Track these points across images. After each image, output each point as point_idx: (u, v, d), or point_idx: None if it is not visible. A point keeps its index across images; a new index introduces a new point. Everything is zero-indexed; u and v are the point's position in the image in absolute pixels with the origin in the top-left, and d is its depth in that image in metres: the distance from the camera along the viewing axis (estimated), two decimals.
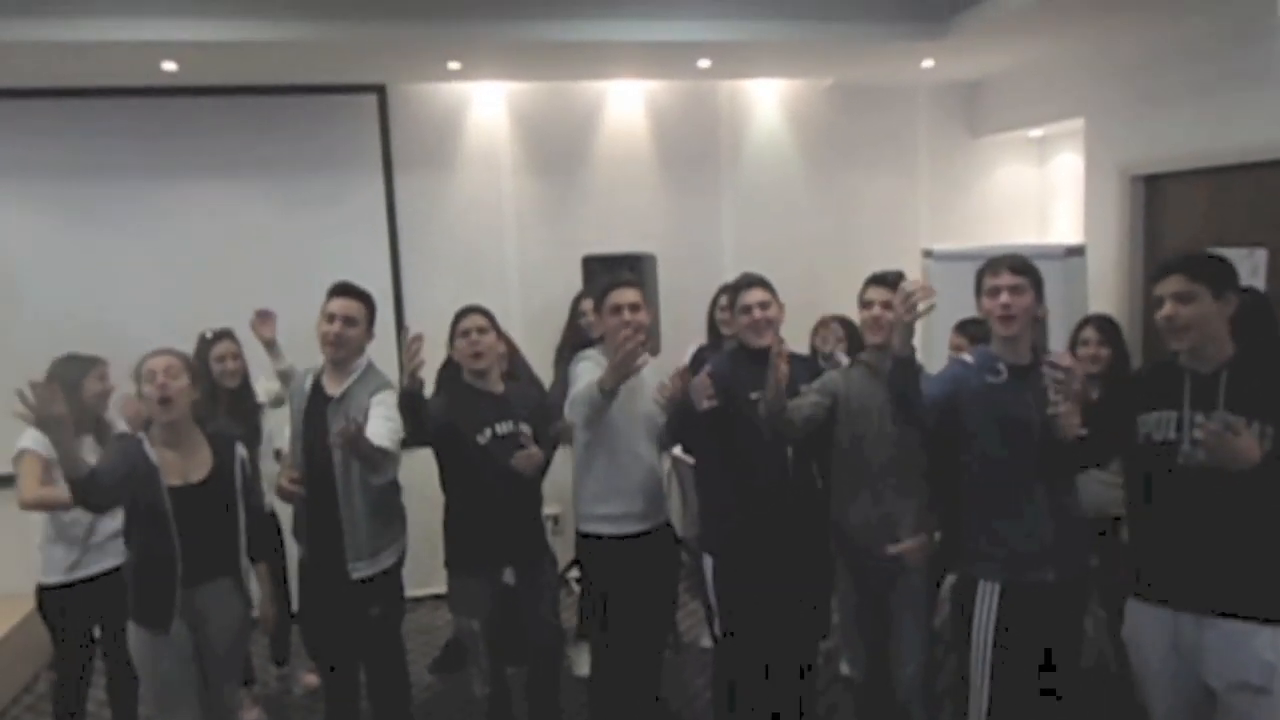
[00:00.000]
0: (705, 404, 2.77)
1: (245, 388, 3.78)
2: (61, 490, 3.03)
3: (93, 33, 3.68)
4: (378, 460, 2.90)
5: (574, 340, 4.04)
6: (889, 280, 2.95)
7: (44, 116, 4.57)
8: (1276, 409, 2.21)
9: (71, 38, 3.68)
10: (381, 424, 2.96)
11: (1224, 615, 2.25)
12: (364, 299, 3.13)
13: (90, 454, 3.01)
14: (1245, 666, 2.21)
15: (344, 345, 3.06)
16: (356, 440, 2.74)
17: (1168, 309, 2.28)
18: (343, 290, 3.11)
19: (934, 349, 3.95)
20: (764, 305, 2.95)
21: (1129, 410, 2.41)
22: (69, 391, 3.06)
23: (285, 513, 3.37)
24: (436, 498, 3.25)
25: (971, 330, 3.43)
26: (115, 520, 3.19)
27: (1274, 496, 2.21)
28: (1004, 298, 2.57)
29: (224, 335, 3.76)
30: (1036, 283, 2.61)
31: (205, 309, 4.09)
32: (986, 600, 2.64)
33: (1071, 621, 2.70)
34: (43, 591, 3.29)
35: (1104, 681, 3.30)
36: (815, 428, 2.90)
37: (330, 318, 3.06)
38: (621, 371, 2.86)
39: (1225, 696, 2.26)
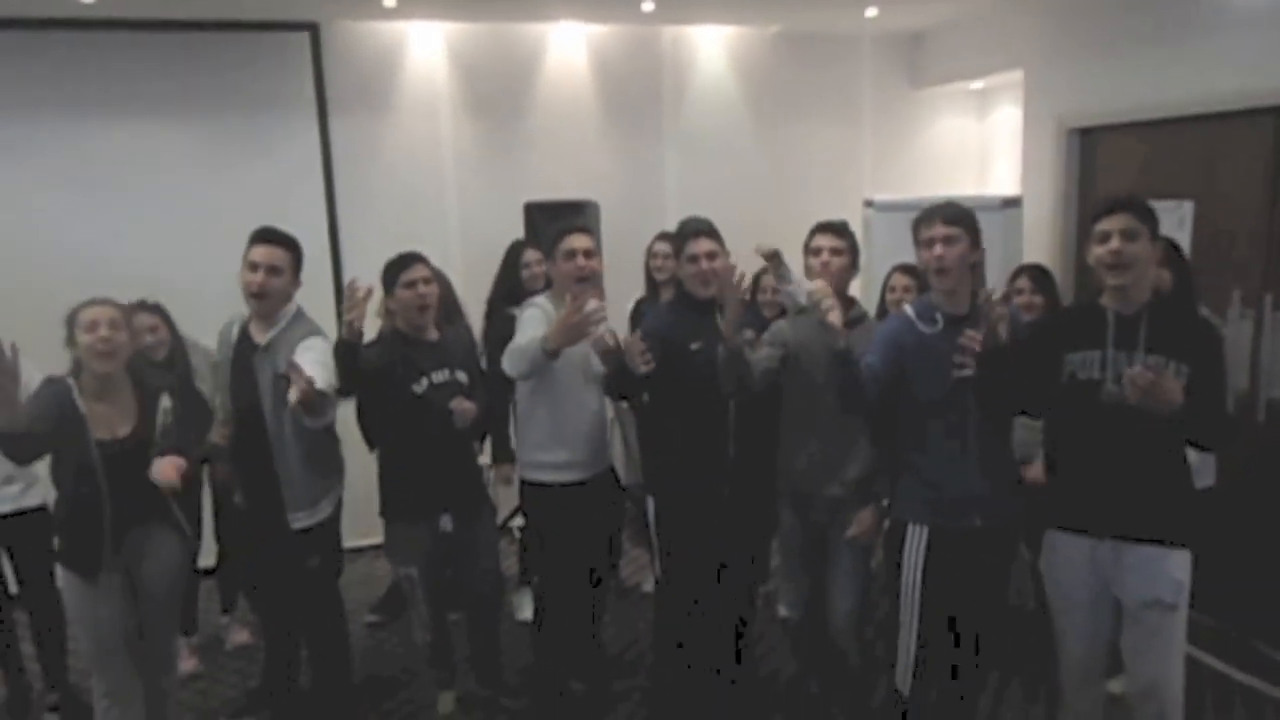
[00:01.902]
0: (643, 369, 2.74)
1: (176, 357, 3.52)
2: None
3: None
4: (317, 404, 2.83)
5: (507, 291, 3.96)
6: (835, 228, 2.96)
7: None
8: (1190, 349, 2.33)
9: None
10: (316, 369, 2.89)
11: (1140, 541, 2.39)
12: (289, 245, 3.02)
13: None
14: (1159, 585, 2.37)
15: (269, 295, 2.96)
16: (310, 396, 2.65)
17: (1115, 243, 2.33)
18: (266, 237, 2.99)
19: (873, 296, 3.99)
20: (710, 255, 2.93)
21: (1054, 349, 2.47)
22: None
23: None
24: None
25: (919, 273, 3.45)
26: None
27: (1184, 434, 2.35)
28: (938, 249, 2.59)
29: (146, 306, 3.49)
30: (972, 230, 2.63)
31: (130, 255, 3.96)
32: (915, 543, 2.70)
33: (998, 566, 2.78)
34: None
35: (1023, 618, 3.43)
36: (771, 378, 2.92)
37: (254, 266, 2.95)
38: (569, 336, 2.81)
39: (1138, 613, 2.41)
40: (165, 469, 2.66)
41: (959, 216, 2.62)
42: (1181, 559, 2.38)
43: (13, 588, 3.41)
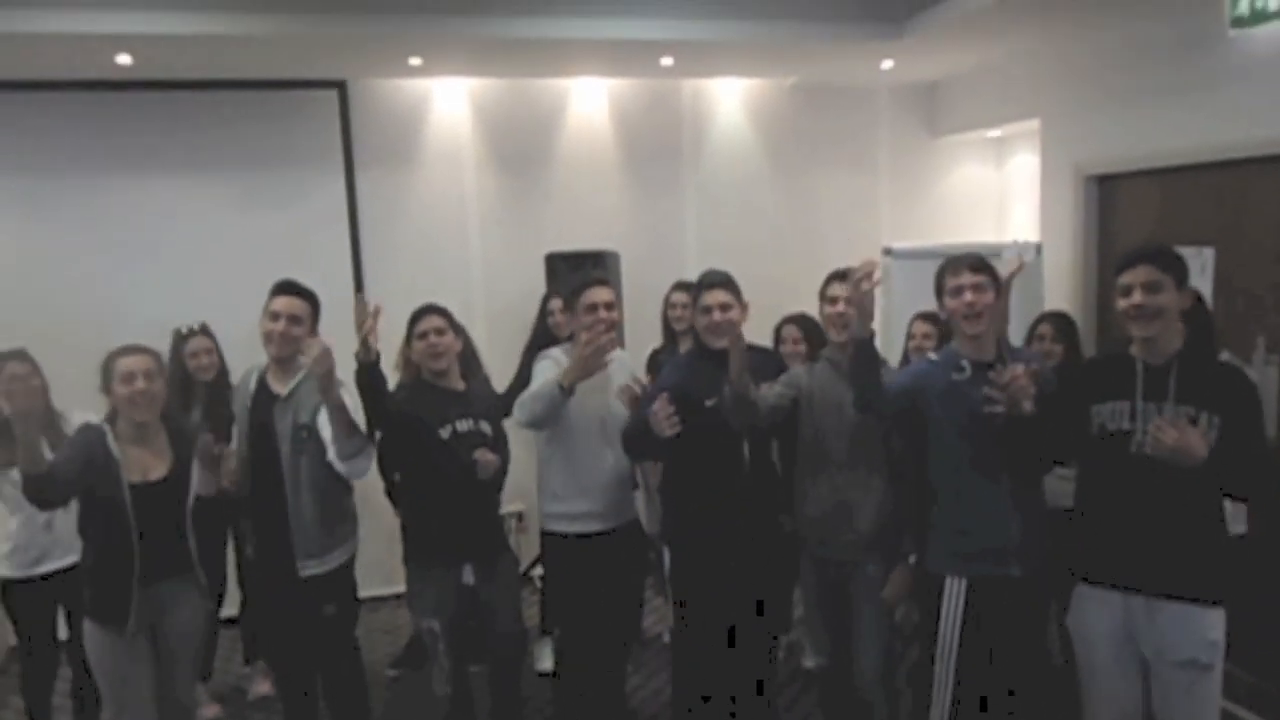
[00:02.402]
0: (668, 432, 2.75)
1: (221, 382, 3.73)
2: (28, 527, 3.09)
3: (45, 24, 3.62)
4: (352, 433, 2.90)
5: (541, 340, 4.03)
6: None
7: None
8: (1221, 399, 2.29)
9: (23, 29, 3.61)
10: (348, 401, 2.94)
11: (1173, 598, 2.33)
12: (309, 298, 3.10)
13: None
14: (1194, 645, 2.31)
15: (288, 344, 3.03)
16: (328, 383, 2.76)
17: (1137, 297, 2.32)
18: (286, 289, 3.08)
19: (893, 344, 4.00)
20: (724, 307, 2.94)
21: (1082, 400, 2.45)
22: None
23: None
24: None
25: (939, 321, 3.45)
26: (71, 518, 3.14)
27: (1218, 484, 2.30)
28: (968, 296, 2.61)
29: (198, 331, 3.78)
30: (996, 279, 2.67)
31: (164, 307, 4.03)
32: (954, 596, 2.66)
33: (1036, 616, 2.74)
34: (6, 585, 3.24)
35: (1051, 673, 3.36)
36: (780, 418, 2.92)
37: (274, 316, 3.03)
38: (586, 369, 2.87)
39: (1170, 673, 2.35)
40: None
41: (983, 265, 2.65)
42: (1217, 618, 2.33)
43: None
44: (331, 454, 2.99)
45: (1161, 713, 2.40)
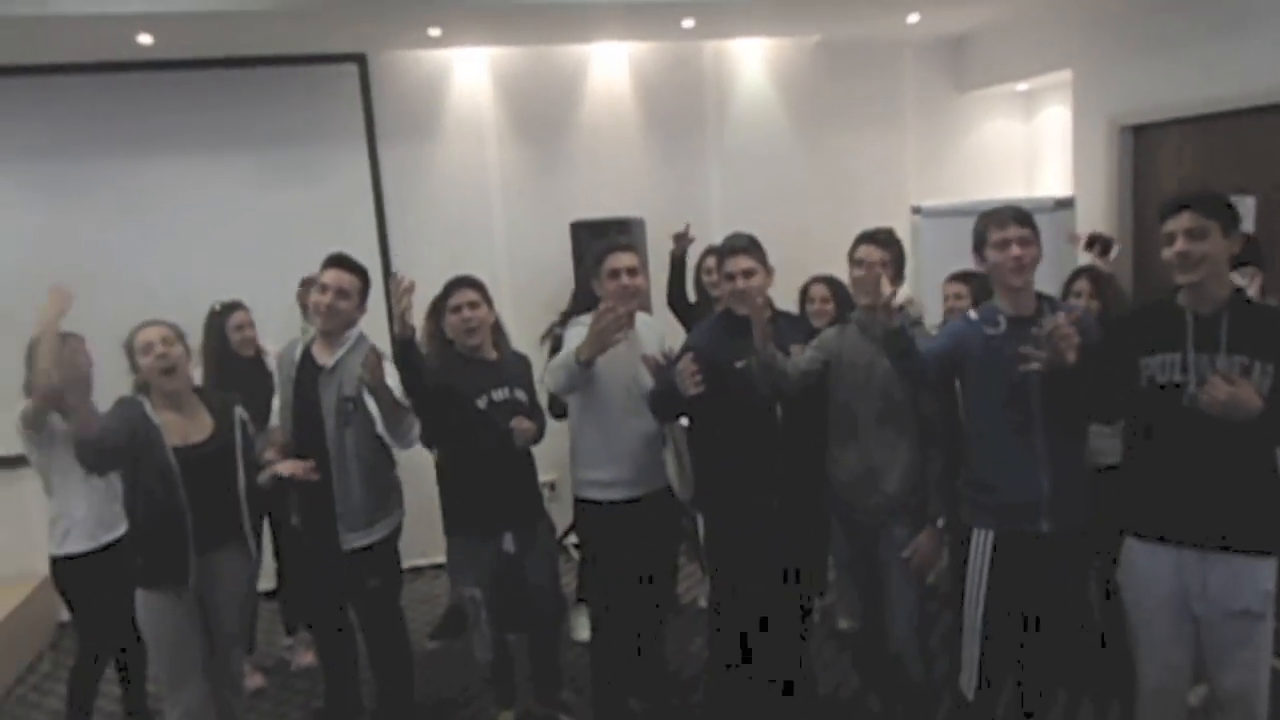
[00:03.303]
0: (692, 390, 2.76)
1: (260, 357, 3.80)
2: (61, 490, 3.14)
3: (65, 6, 3.62)
4: (399, 411, 2.94)
5: (582, 309, 4.00)
6: (879, 238, 2.94)
7: (18, 94, 4.50)
8: (1275, 348, 2.24)
9: (43, 11, 3.61)
10: (391, 380, 2.98)
11: (1226, 550, 2.31)
12: (359, 272, 3.12)
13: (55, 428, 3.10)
14: (1247, 595, 2.30)
15: (335, 316, 3.06)
16: (377, 372, 2.80)
17: (1180, 244, 2.28)
18: (337, 262, 3.10)
19: (924, 303, 3.95)
20: (747, 273, 2.91)
21: (1130, 353, 2.41)
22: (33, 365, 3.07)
23: None
24: (431, 469, 3.25)
25: (973, 282, 3.41)
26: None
27: (1273, 434, 2.26)
28: (1015, 250, 2.56)
29: (235, 306, 3.82)
30: (1037, 233, 2.62)
31: (191, 287, 4.07)
32: (980, 549, 2.67)
33: (1071, 574, 2.71)
34: (61, 563, 3.21)
35: (1091, 633, 3.34)
36: (812, 381, 2.90)
37: (323, 289, 3.06)
38: (600, 343, 2.86)
39: (1224, 624, 2.33)
40: (292, 468, 2.88)
41: (1028, 217, 2.61)
42: (1270, 568, 2.31)
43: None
44: (380, 428, 3.04)
45: (1216, 665, 2.38)
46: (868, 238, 2.94)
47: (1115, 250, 3.15)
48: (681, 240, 4.42)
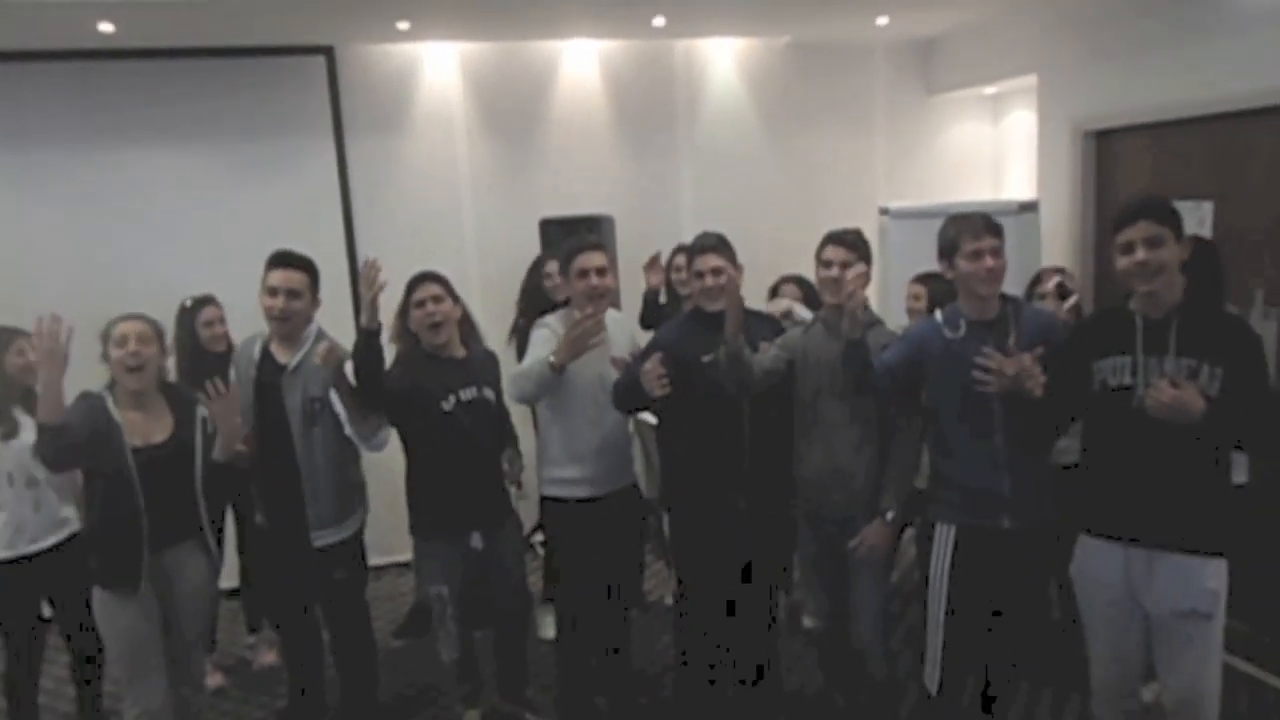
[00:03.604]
0: (658, 392, 2.78)
1: (230, 353, 3.68)
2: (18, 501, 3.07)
3: None
4: (369, 423, 2.95)
5: (533, 307, 3.99)
6: (847, 239, 2.95)
7: None
8: (1223, 352, 2.28)
9: None
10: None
11: (1172, 549, 2.35)
12: (306, 268, 3.05)
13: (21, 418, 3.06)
14: (1194, 595, 2.33)
15: (290, 318, 3.00)
16: (330, 360, 2.81)
17: (1141, 254, 2.30)
18: (283, 260, 3.02)
19: (890, 304, 3.98)
20: (716, 272, 2.93)
21: (1083, 357, 2.45)
22: None
23: None
24: (398, 466, 3.22)
25: (931, 284, 3.46)
26: (57, 497, 3.14)
27: (1220, 437, 2.30)
28: (989, 261, 2.59)
29: (206, 301, 3.78)
30: (1003, 240, 2.65)
31: (153, 275, 4.01)
32: (942, 543, 2.72)
33: (1032, 570, 2.75)
34: None
35: (1051, 627, 3.40)
36: (775, 380, 2.92)
37: (273, 291, 2.99)
38: (575, 350, 2.86)
39: (1171, 622, 2.37)
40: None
41: (999, 228, 2.63)
42: (1218, 568, 2.34)
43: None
44: (349, 431, 3.02)
45: (1163, 663, 2.42)
46: (835, 238, 2.96)
47: (1072, 300, 3.23)
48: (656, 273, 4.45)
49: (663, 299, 4.42)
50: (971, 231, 2.62)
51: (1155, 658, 2.44)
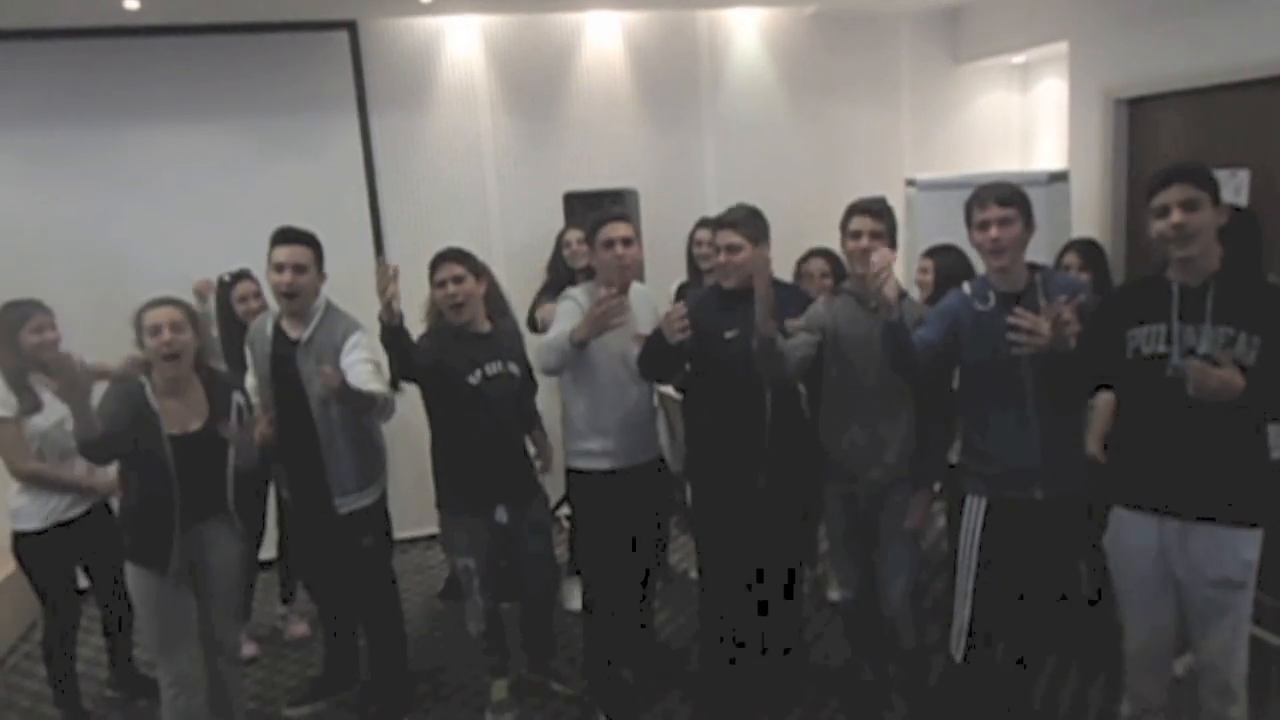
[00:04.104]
0: (677, 337, 2.77)
1: None
2: (57, 469, 3.17)
3: None
4: (366, 405, 2.91)
5: (557, 280, 4.02)
6: (873, 209, 2.92)
7: (1, 59, 4.42)
8: (1261, 320, 2.24)
9: None
10: (363, 367, 2.96)
11: (1209, 520, 2.33)
12: (310, 243, 3.09)
13: (41, 391, 3.13)
14: (1229, 565, 2.32)
15: (298, 293, 3.04)
16: (341, 388, 2.76)
17: (1176, 216, 2.26)
18: (287, 237, 3.06)
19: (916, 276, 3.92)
20: (731, 249, 2.91)
21: (1118, 326, 2.42)
22: (7, 338, 3.06)
23: None
24: (425, 439, 3.25)
25: (938, 257, 3.44)
26: (86, 467, 3.21)
27: (1258, 406, 2.26)
28: (993, 231, 2.57)
29: (243, 275, 3.82)
30: (1026, 210, 2.61)
31: (181, 255, 4.04)
32: (972, 514, 2.72)
33: (1063, 540, 2.74)
34: (20, 539, 3.25)
35: (1079, 598, 3.39)
36: (808, 366, 2.89)
37: (279, 267, 3.03)
38: (598, 326, 2.86)
39: (1204, 592, 2.36)
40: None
41: (1012, 197, 2.59)
42: (1252, 538, 2.32)
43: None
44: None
45: (1196, 632, 2.41)
46: (861, 208, 2.92)
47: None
48: None
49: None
50: (979, 202, 2.61)
51: (1188, 626, 2.43)
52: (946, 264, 3.39)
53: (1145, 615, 2.48)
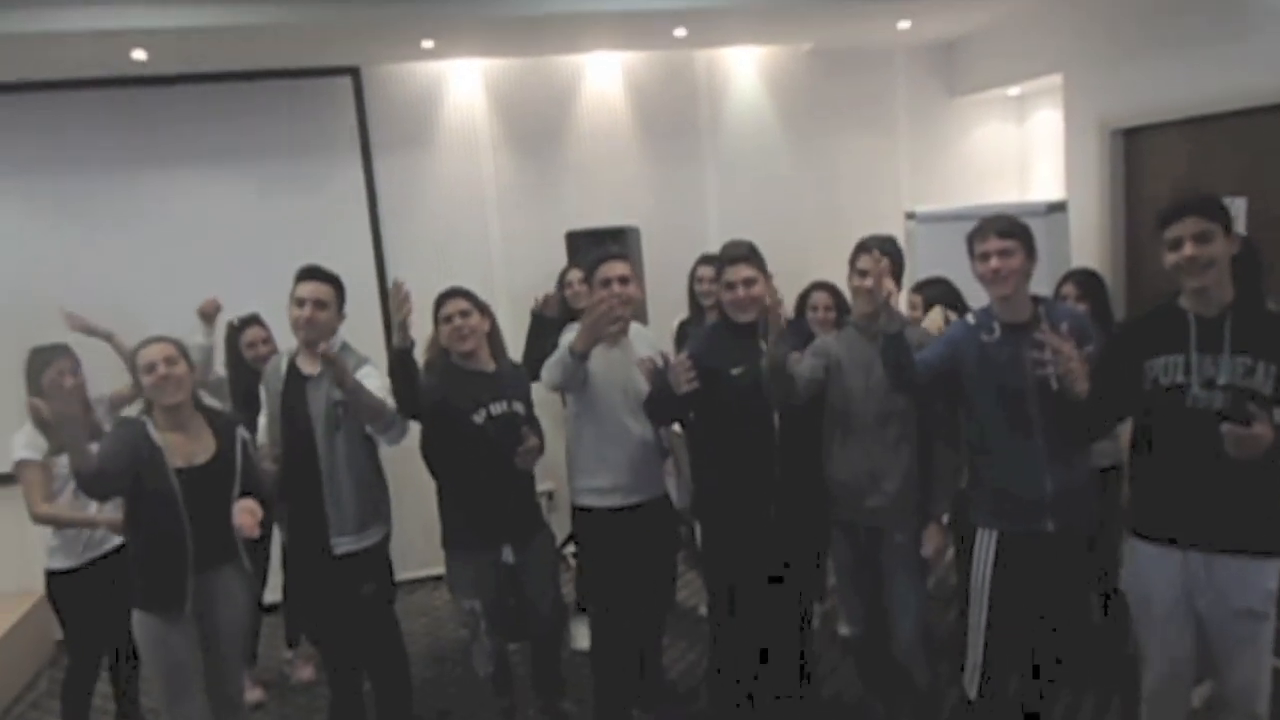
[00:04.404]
0: (685, 388, 2.79)
1: None
2: (73, 509, 3.18)
3: (59, 23, 3.62)
4: (374, 407, 2.93)
5: (561, 316, 4.05)
6: (883, 247, 2.94)
7: (12, 110, 4.50)
8: (1278, 350, 2.25)
9: (37, 28, 3.62)
10: (375, 382, 2.99)
11: (1231, 551, 2.32)
12: (333, 282, 3.13)
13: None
14: (1250, 595, 2.32)
15: (315, 328, 3.07)
16: (347, 375, 2.79)
17: (1190, 249, 2.28)
18: (311, 274, 3.11)
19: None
20: (748, 283, 2.94)
21: (1135, 356, 2.42)
22: (32, 381, 3.10)
23: None
24: (429, 479, 3.25)
25: (926, 290, 3.47)
26: (112, 506, 3.20)
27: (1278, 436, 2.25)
28: (994, 262, 2.59)
29: (251, 321, 3.86)
30: (1027, 242, 2.63)
31: (190, 299, 4.06)
32: (984, 548, 2.70)
33: (1072, 572, 2.73)
34: (52, 577, 3.26)
35: (1091, 630, 3.35)
36: (815, 390, 2.92)
37: (300, 302, 3.07)
38: (593, 334, 2.89)
39: (1228, 623, 2.35)
40: (244, 519, 2.74)
41: (1012, 229, 2.62)
42: (1274, 568, 2.32)
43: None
44: (369, 429, 3.06)
45: (1223, 662, 2.40)
46: (868, 247, 2.95)
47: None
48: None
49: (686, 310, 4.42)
50: (980, 234, 2.64)
51: (1212, 658, 2.41)
52: (934, 296, 3.43)
53: (1166, 647, 2.46)
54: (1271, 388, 2.24)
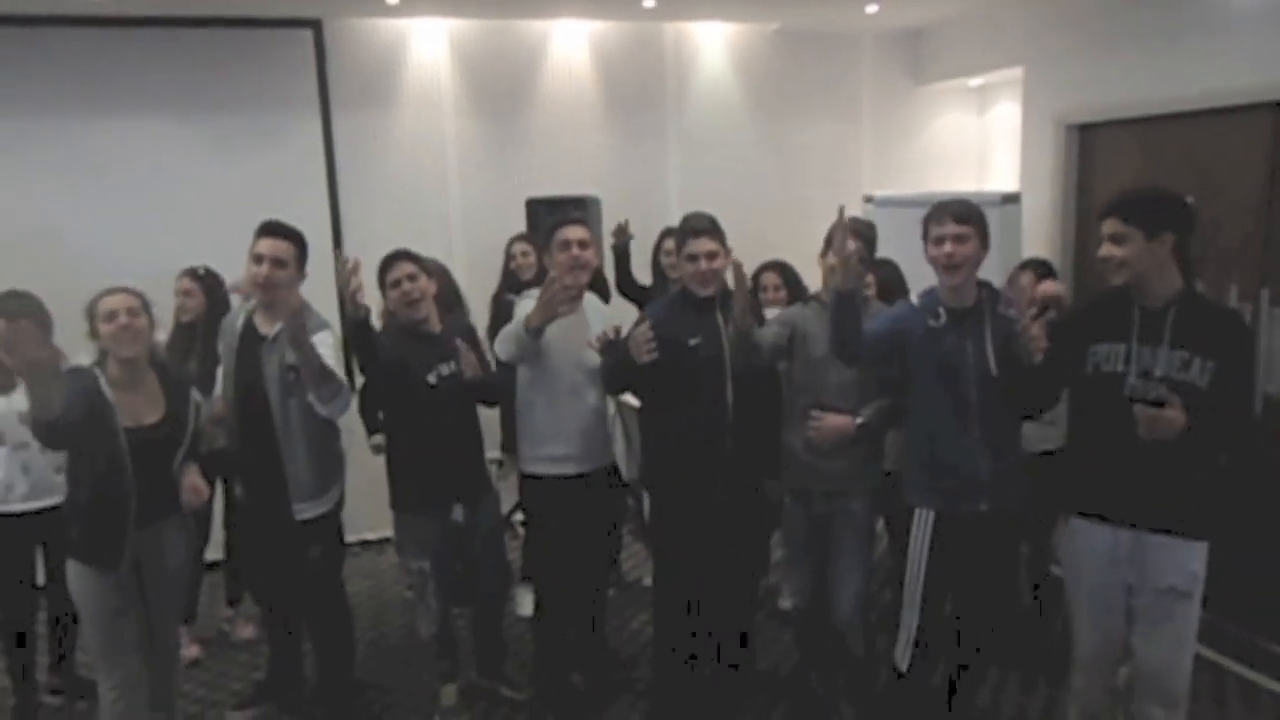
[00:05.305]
0: (645, 358, 2.80)
1: (206, 326, 3.63)
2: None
3: None
4: (323, 371, 2.83)
5: (508, 285, 4.05)
6: (859, 231, 2.96)
7: None
8: (1216, 345, 2.33)
9: None
10: (325, 350, 2.92)
11: (1161, 531, 2.41)
12: (294, 238, 3.04)
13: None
14: (1175, 574, 2.41)
15: (274, 287, 2.98)
16: (301, 334, 2.72)
17: (1103, 249, 2.40)
18: (271, 230, 3.01)
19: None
20: (710, 255, 2.95)
21: (1080, 340, 2.50)
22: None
23: None
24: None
25: (882, 270, 3.51)
26: (46, 463, 3.15)
27: (1207, 425, 2.33)
28: (948, 247, 2.62)
29: (189, 273, 3.73)
30: (982, 229, 2.67)
31: (136, 248, 3.99)
32: (921, 527, 2.76)
33: (1005, 550, 2.82)
34: None
35: (1020, 609, 3.46)
36: (780, 356, 2.97)
37: (259, 259, 2.97)
38: (548, 311, 2.87)
39: (1151, 600, 2.44)
40: (189, 497, 2.73)
41: (969, 214, 2.65)
42: (1200, 551, 2.41)
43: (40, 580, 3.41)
44: (310, 397, 2.96)
45: (1139, 636, 2.49)
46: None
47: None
48: (621, 235, 4.45)
49: (648, 279, 4.44)
50: (936, 218, 2.67)
51: (1132, 632, 2.50)
52: (889, 276, 3.48)
53: (1097, 620, 2.56)
54: (1207, 382, 2.31)
